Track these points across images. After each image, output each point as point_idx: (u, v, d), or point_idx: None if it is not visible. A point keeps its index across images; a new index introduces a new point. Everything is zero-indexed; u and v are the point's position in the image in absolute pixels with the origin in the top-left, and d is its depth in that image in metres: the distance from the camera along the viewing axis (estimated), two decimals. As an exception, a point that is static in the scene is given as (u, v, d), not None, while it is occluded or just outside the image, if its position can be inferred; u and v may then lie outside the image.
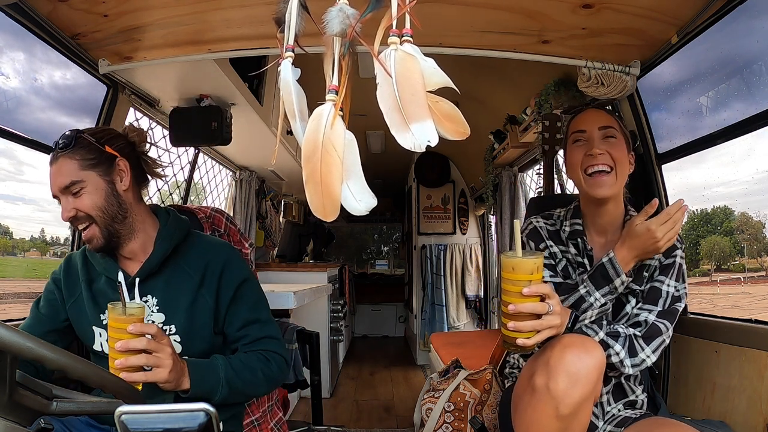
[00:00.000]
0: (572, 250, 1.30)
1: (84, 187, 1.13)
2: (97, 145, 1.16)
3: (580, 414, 1.01)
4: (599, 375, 1.03)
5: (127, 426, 0.75)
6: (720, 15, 1.39)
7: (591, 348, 1.03)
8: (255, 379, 1.16)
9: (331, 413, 3.41)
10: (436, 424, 1.58)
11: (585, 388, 0.99)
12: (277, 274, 3.90)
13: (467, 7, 1.47)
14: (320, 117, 0.64)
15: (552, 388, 0.99)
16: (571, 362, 0.99)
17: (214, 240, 1.31)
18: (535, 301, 0.98)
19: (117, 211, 1.16)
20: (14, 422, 0.74)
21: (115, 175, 1.17)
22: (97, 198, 1.14)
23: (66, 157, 1.13)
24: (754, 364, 1.32)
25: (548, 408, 1.00)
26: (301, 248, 6.17)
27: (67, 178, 1.12)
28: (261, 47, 1.71)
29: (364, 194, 0.64)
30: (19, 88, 1.71)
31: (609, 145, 1.21)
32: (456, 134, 0.64)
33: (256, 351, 1.21)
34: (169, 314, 1.17)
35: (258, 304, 1.26)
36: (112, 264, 1.19)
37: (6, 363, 0.71)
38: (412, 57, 0.62)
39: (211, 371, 1.10)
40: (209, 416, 0.77)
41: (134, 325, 0.95)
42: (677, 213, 1.12)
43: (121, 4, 1.41)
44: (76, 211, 1.13)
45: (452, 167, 5.10)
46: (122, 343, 0.94)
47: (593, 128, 1.23)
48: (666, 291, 1.18)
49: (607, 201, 1.23)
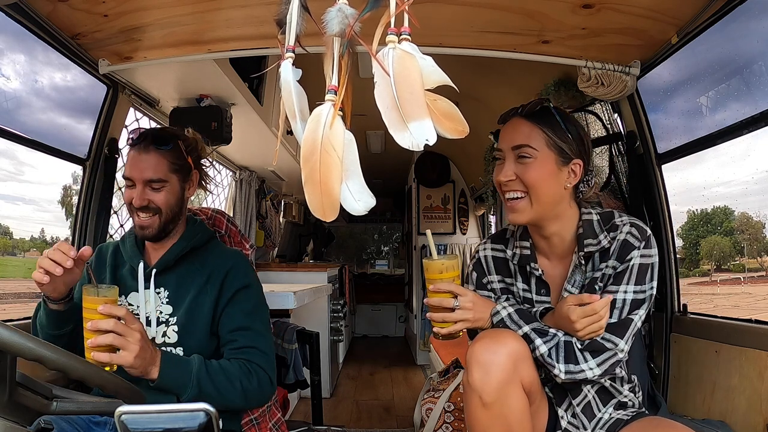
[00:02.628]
0: (519, 284, 1.24)
1: (166, 186, 1.25)
2: (185, 153, 1.29)
3: (507, 399, 1.05)
4: (514, 361, 1.05)
5: (127, 426, 0.75)
6: (720, 15, 1.39)
7: (502, 338, 1.07)
8: (230, 387, 1.15)
9: (331, 413, 3.41)
10: (436, 424, 1.58)
11: (500, 375, 1.04)
12: (277, 274, 3.90)
13: (467, 7, 1.47)
14: (319, 117, 0.64)
15: (470, 381, 1.06)
16: (480, 353, 1.06)
17: (231, 251, 1.39)
18: (443, 296, 1.11)
19: (178, 213, 1.29)
20: (14, 422, 0.74)
21: (187, 183, 1.31)
22: (171, 198, 1.26)
23: (159, 154, 1.24)
24: (754, 364, 1.32)
25: (474, 400, 1.06)
26: (301, 248, 6.18)
27: (157, 174, 1.23)
28: (261, 47, 1.71)
29: (363, 194, 0.64)
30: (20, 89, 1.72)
31: (522, 168, 1.12)
32: (455, 133, 0.64)
33: (240, 360, 1.20)
34: (176, 307, 1.25)
35: (254, 312, 1.27)
36: (137, 254, 1.28)
37: (6, 363, 0.71)
38: (411, 55, 0.62)
39: (183, 367, 1.12)
40: (209, 416, 0.77)
41: (104, 306, 1.00)
42: (603, 310, 1.05)
43: (121, 4, 1.41)
44: (149, 202, 1.23)
45: (452, 167, 5.10)
46: (92, 322, 0.99)
47: (507, 147, 1.15)
48: (622, 299, 1.10)
49: (542, 221, 1.16)
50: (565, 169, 1.14)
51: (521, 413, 1.07)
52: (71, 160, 1.73)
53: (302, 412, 3.26)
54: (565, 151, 1.13)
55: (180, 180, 1.28)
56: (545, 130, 1.13)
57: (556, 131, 1.14)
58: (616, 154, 1.90)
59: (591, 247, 1.15)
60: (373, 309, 6.93)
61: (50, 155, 1.65)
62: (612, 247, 1.13)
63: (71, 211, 2.06)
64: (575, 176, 1.15)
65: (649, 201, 1.75)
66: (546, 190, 1.13)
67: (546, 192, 1.13)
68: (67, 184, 2.16)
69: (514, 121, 1.18)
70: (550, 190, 1.13)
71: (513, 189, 1.14)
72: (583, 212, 1.18)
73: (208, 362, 1.17)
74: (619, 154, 1.89)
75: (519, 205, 1.14)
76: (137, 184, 1.23)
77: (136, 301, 1.25)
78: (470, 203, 5.08)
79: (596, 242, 1.14)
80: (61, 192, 2.20)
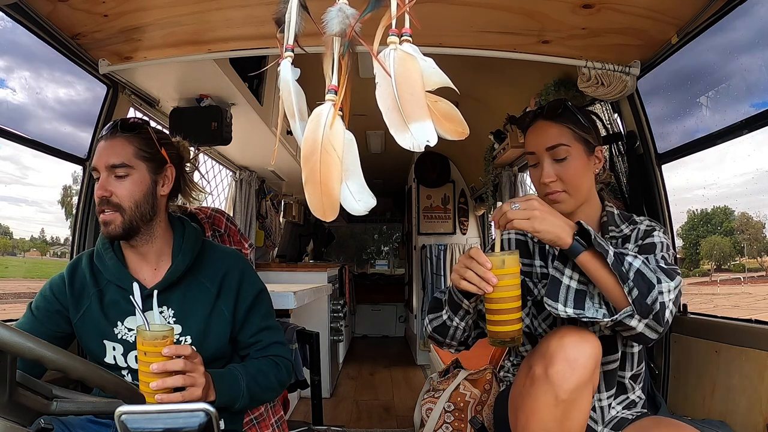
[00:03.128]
0: (537, 262, 1.28)
1: (131, 174, 1.14)
2: (156, 143, 1.18)
3: (580, 400, 1.02)
4: (596, 363, 1.04)
5: (127, 426, 0.75)
6: (720, 15, 1.39)
7: (588, 337, 1.05)
8: (270, 384, 1.20)
9: (331, 413, 3.41)
10: (436, 424, 1.58)
11: (583, 374, 1.01)
12: (277, 274, 3.90)
13: (467, 7, 1.47)
14: (319, 117, 0.64)
15: (550, 374, 1.01)
16: (569, 348, 1.02)
17: (226, 250, 1.32)
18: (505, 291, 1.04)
19: (148, 211, 1.16)
20: (14, 422, 0.74)
21: (160, 178, 1.19)
22: (137, 190, 1.14)
23: (124, 139, 1.15)
24: (754, 364, 1.32)
25: (548, 395, 1.02)
26: (301, 248, 6.18)
27: (120, 158, 1.13)
28: (261, 47, 1.71)
29: (364, 194, 0.64)
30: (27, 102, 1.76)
31: (559, 168, 1.19)
32: (455, 134, 0.64)
33: (267, 357, 1.24)
34: (185, 325, 1.18)
35: (270, 312, 1.30)
36: (124, 273, 1.17)
37: (6, 363, 0.71)
38: (412, 57, 0.62)
39: (233, 381, 1.13)
40: (209, 416, 0.77)
41: (169, 347, 0.95)
42: None
43: (121, 4, 1.41)
44: (111, 194, 1.12)
45: (452, 167, 5.10)
46: (159, 364, 0.94)
47: (541, 150, 1.21)
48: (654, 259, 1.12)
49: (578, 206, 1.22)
50: (592, 158, 1.23)
51: (586, 416, 1.06)
52: (71, 160, 1.73)
53: (302, 412, 3.26)
54: (589, 141, 1.22)
55: (149, 171, 1.17)
56: (570, 127, 1.21)
57: (579, 125, 1.21)
58: (616, 154, 1.89)
59: (614, 232, 1.21)
60: (373, 309, 6.93)
61: (50, 155, 1.65)
62: (633, 234, 1.20)
63: (71, 211, 2.06)
64: (599, 161, 1.24)
65: (649, 201, 1.75)
66: (583, 181, 1.21)
67: (583, 183, 1.21)
68: (66, 184, 2.17)
69: (539, 125, 1.23)
70: (586, 181, 1.21)
71: (554, 190, 1.20)
72: (606, 205, 1.26)
73: (248, 368, 1.18)
74: (619, 154, 1.89)
75: (560, 196, 1.20)
76: (101, 172, 1.13)
77: (134, 324, 1.14)
78: (470, 203, 5.08)
79: (618, 230, 1.22)
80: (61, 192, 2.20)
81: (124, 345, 1.15)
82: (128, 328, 1.15)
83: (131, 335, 1.14)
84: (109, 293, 1.17)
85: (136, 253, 1.20)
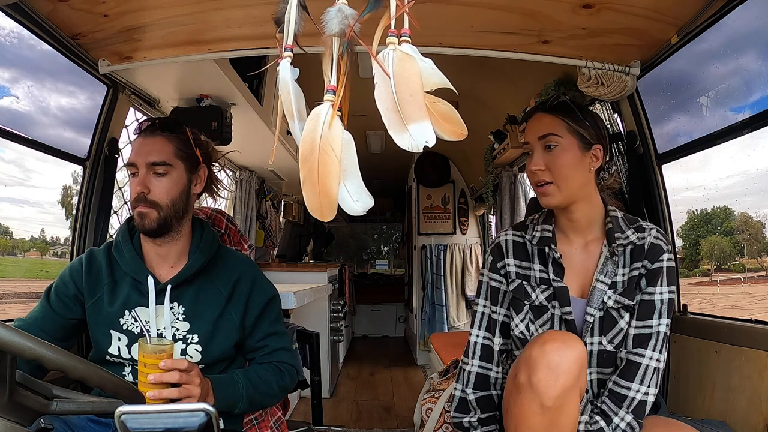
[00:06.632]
0: (536, 266, 1.26)
1: (170, 172, 1.17)
2: (193, 143, 1.22)
3: (567, 406, 1.02)
4: (581, 367, 1.03)
5: (127, 426, 0.75)
6: (720, 15, 1.39)
7: (571, 342, 1.04)
8: (271, 391, 1.22)
9: (331, 413, 3.41)
10: (436, 424, 1.58)
11: (567, 380, 1.01)
12: (277, 274, 3.89)
13: (467, 7, 1.47)
14: (318, 117, 0.64)
15: (534, 382, 1.01)
16: (551, 355, 1.02)
17: (240, 256, 1.34)
18: None
19: (182, 209, 1.20)
20: (14, 422, 0.74)
21: (194, 177, 1.24)
22: (174, 188, 1.18)
23: (165, 138, 1.18)
24: (754, 364, 1.32)
25: (533, 403, 1.02)
26: (301, 248, 6.18)
27: (161, 156, 1.16)
28: (261, 47, 1.71)
29: (362, 194, 0.64)
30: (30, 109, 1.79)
31: (549, 157, 1.21)
32: (454, 135, 0.64)
33: (271, 363, 1.26)
34: (194, 324, 1.19)
35: (278, 317, 1.31)
36: (141, 266, 1.19)
37: (6, 363, 0.71)
38: (411, 57, 0.62)
39: (233, 388, 1.15)
40: (209, 416, 0.77)
41: (165, 361, 0.99)
42: None
43: (121, 4, 1.41)
44: (150, 191, 1.15)
45: (452, 167, 5.10)
46: (156, 375, 0.98)
47: (534, 139, 1.24)
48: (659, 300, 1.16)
49: (571, 203, 1.23)
50: (588, 154, 1.23)
51: (575, 421, 1.06)
52: (71, 160, 1.73)
53: (302, 412, 3.26)
54: (584, 136, 1.22)
55: (186, 170, 1.20)
56: (565, 119, 1.23)
57: (575, 119, 1.23)
58: (616, 154, 1.90)
59: (621, 240, 1.21)
60: (373, 309, 6.93)
61: (50, 155, 1.65)
62: (643, 245, 1.20)
63: (71, 211, 2.07)
64: (597, 160, 1.24)
65: (649, 201, 1.75)
66: (573, 175, 1.21)
67: (573, 177, 1.21)
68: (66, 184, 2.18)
69: (537, 116, 1.27)
70: (577, 176, 1.21)
71: (541, 179, 1.22)
72: (610, 209, 1.26)
73: (250, 375, 1.19)
74: (619, 154, 1.89)
75: (548, 189, 1.21)
76: (140, 169, 1.16)
77: (144, 315, 1.17)
78: (470, 203, 5.08)
79: (624, 237, 1.21)
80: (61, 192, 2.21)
81: (128, 336, 1.17)
82: (135, 318, 1.17)
83: (137, 326, 1.17)
84: (123, 285, 1.20)
85: (157, 251, 1.22)
